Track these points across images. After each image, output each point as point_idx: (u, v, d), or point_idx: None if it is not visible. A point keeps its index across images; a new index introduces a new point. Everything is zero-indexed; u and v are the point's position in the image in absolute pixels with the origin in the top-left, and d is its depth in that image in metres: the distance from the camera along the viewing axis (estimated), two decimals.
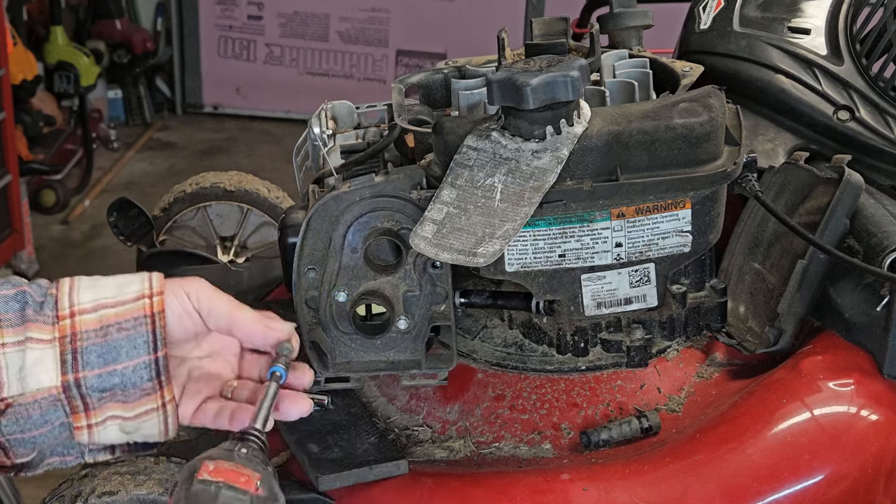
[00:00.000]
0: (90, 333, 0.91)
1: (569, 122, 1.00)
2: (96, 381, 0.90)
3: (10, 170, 3.90)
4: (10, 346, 0.89)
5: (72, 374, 0.90)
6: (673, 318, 1.13)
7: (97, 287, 0.94)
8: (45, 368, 0.90)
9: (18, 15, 4.51)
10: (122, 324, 0.91)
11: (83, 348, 0.90)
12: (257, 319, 0.96)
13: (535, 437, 1.11)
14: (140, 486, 1.02)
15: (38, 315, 0.91)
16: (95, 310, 0.92)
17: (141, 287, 0.94)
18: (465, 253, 0.96)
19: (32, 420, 0.90)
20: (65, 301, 0.92)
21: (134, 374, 0.92)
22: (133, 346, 0.91)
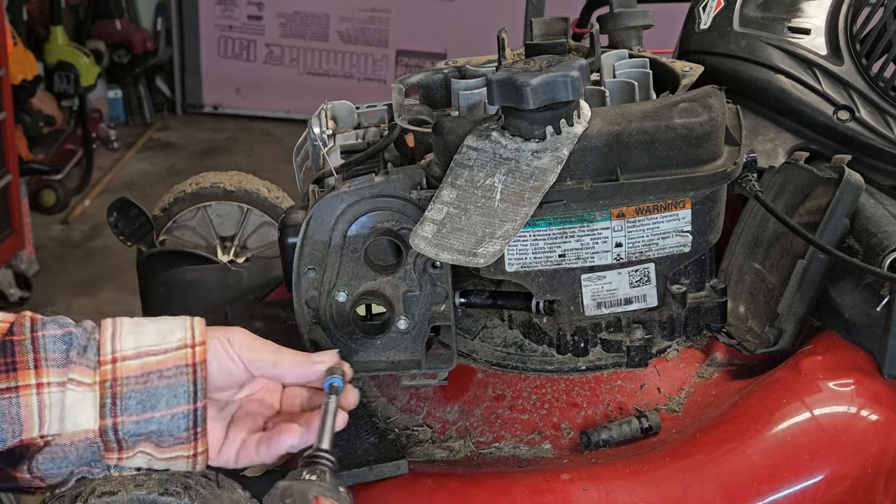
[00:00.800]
0: (131, 380, 0.92)
1: (569, 122, 1.00)
2: (133, 427, 0.92)
3: (10, 170, 3.90)
4: (54, 385, 0.91)
5: (110, 418, 0.92)
6: (673, 318, 1.13)
7: (139, 333, 0.94)
8: (84, 411, 0.91)
9: (18, 15, 4.51)
10: (163, 371, 0.93)
11: (123, 394, 0.92)
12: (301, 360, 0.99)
13: (535, 437, 1.11)
14: (140, 487, 1.02)
15: (81, 358, 0.92)
16: (138, 356, 0.93)
17: (183, 335, 0.95)
18: (466, 253, 0.96)
19: (68, 459, 0.93)
20: (107, 346, 0.93)
21: (172, 422, 0.93)
22: (173, 394, 0.93)
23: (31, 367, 0.91)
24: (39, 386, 0.91)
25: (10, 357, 0.91)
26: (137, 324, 0.95)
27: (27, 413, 0.90)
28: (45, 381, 0.91)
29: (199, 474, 1.05)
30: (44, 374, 0.91)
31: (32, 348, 0.91)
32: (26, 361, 0.91)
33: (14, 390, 0.90)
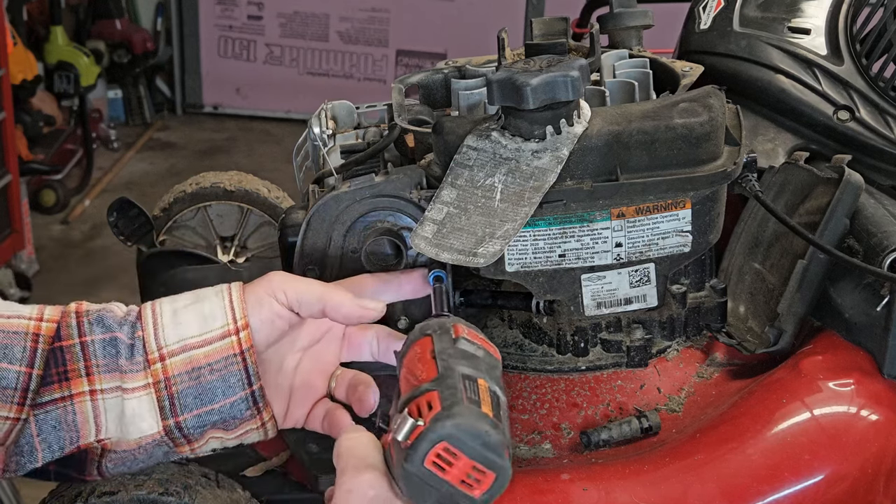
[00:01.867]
0: (183, 377, 0.92)
1: (569, 121, 1.00)
2: (195, 421, 0.92)
3: (10, 170, 3.90)
4: (108, 391, 0.91)
5: (171, 418, 0.92)
6: (673, 318, 1.13)
7: (180, 323, 0.93)
8: (144, 417, 0.92)
9: (18, 15, 4.51)
10: (213, 365, 0.92)
11: (179, 392, 0.92)
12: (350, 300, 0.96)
13: (535, 437, 1.11)
14: (140, 487, 1.02)
15: (130, 363, 0.92)
16: (183, 350, 0.92)
17: (224, 321, 0.93)
18: (466, 253, 0.96)
19: (138, 461, 0.94)
20: (152, 343, 0.92)
21: (232, 408, 0.93)
22: (227, 385, 0.92)
23: (83, 374, 0.91)
24: (93, 392, 0.91)
25: (61, 366, 0.90)
26: (176, 312, 0.94)
27: (83, 419, 0.91)
28: (99, 387, 0.91)
29: (199, 474, 1.06)
30: (96, 381, 0.91)
31: (83, 356, 0.91)
32: (78, 370, 0.91)
33: (68, 399, 0.90)
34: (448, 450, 0.76)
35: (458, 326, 0.85)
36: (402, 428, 0.78)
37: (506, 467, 0.77)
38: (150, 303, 0.95)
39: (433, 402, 0.78)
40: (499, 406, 0.80)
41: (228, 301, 0.94)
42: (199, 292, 0.95)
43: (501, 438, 0.77)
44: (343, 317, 0.96)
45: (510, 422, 1.12)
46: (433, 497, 0.77)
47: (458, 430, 0.76)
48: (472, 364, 0.81)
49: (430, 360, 0.82)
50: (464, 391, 0.78)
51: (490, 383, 0.80)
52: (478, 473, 0.76)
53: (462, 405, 0.77)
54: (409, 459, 0.76)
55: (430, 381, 0.80)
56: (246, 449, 1.22)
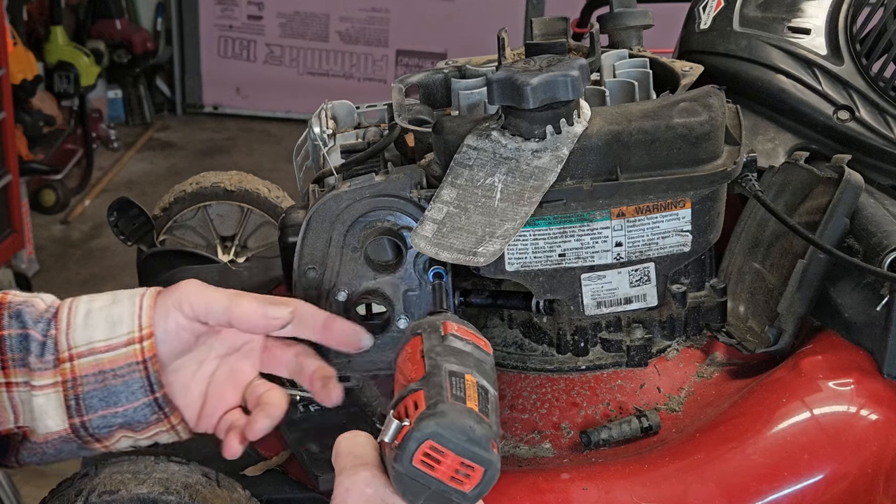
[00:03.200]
0: (90, 378, 0.93)
1: (569, 121, 1.00)
2: (101, 422, 0.94)
3: (10, 170, 3.90)
4: (21, 385, 0.93)
5: (77, 417, 0.94)
6: (673, 317, 1.13)
7: (90, 325, 0.95)
8: (51, 414, 0.93)
9: (18, 15, 4.51)
10: (116, 371, 0.94)
11: (84, 393, 0.93)
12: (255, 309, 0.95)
13: (534, 437, 1.11)
14: (141, 485, 1.02)
15: (40, 362, 0.94)
16: (91, 353, 0.94)
17: (130, 327, 0.94)
18: (466, 252, 0.96)
19: (48, 455, 0.95)
20: (63, 343, 0.94)
21: (136, 413, 0.95)
22: (130, 391, 0.94)
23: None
24: (9, 385, 0.93)
25: None
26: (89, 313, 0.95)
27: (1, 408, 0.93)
28: (14, 380, 0.94)
29: (199, 473, 1.06)
30: (11, 374, 0.93)
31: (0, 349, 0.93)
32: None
33: None
34: (434, 448, 0.77)
35: (447, 323, 0.86)
36: (389, 429, 0.79)
37: (493, 461, 0.78)
38: (70, 300, 0.97)
39: (419, 402, 0.79)
40: (486, 400, 0.81)
41: (139, 308, 0.95)
42: (117, 294, 0.97)
43: (487, 432, 0.77)
44: (249, 326, 0.96)
45: (511, 419, 1.12)
46: (425, 494, 0.78)
47: (443, 427, 0.77)
48: (461, 360, 0.82)
49: (419, 359, 0.83)
50: (449, 388, 0.79)
51: (478, 378, 0.81)
52: (466, 469, 0.77)
53: (446, 403, 0.78)
54: (399, 460, 0.78)
55: (418, 380, 0.81)
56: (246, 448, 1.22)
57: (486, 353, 0.86)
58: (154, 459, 1.07)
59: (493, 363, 0.86)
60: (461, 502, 0.78)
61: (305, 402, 1.19)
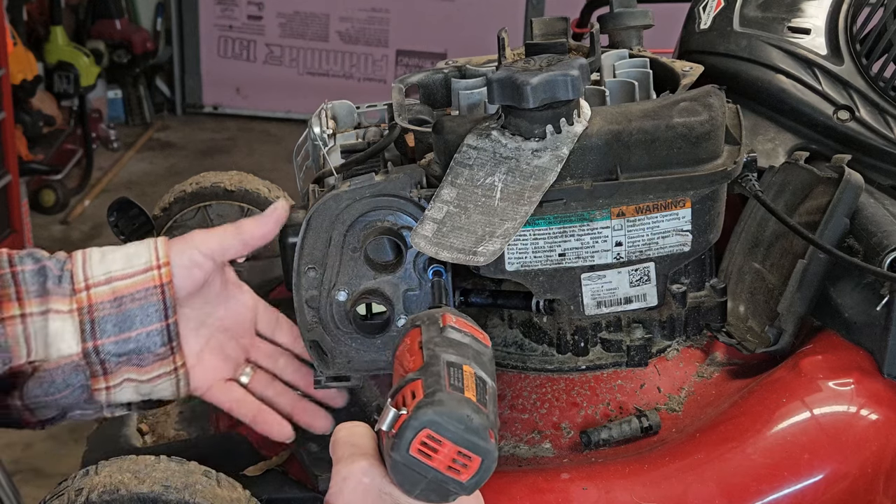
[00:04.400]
0: (105, 304, 0.99)
1: (569, 121, 1.00)
2: (113, 348, 0.99)
3: (10, 170, 3.91)
4: (36, 315, 0.98)
5: (91, 341, 0.98)
6: (673, 317, 1.13)
7: (107, 260, 1.01)
8: (65, 338, 0.98)
9: (18, 15, 4.51)
10: (134, 295, 0.99)
11: (100, 318, 0.98)
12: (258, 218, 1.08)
13: (534, 437, 1.11)
14: (141, 485, 1.02)
15: (57, 288, 0.99)
16: (108, 282, 0.99)
17: (148, 258, 1.01)
18: (466, 252, 0.96)
19: (56, 384, 0.99)
20: (79, 275, 0.99)
21: (148, 339, 1.00)
22: (146, 314, 1.00)
23: (13, 299, 0.97)
24: (23, 316, 0.97)
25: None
26: (106, 252, 1.02)
27: (14, 341, 0.97)
28: (28, 311, 0.98)
29: (199, 472, 1.06)
30: (26, 305, 0.98)
31: (13, 282, 0.98)
32: (9, 294, 0.97)
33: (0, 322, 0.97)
34: (432, 436, 0.77)
35: (446, 315, 0.86)
36: (387, 417, 0.79)
37: (490, 450, 0.78)
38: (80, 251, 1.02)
39: (416, 391, 0.79)
40: (484, 391, 0.81)
41: (154, 245, 1.02)
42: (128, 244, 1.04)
43: (484, 422, 0.78)
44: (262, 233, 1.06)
45: (511, 419, 1.12)
46: (422, 483, 0.78)
47: (440, 416, 0.77)
48: (459, 351, 0.82)
49: (418, 350, 0.83)
50: (447, 378, 0.79)
51: (476, 369, 0.81)
52: (464, 458, 0.77)
53: (444, 392, 0.78)
54: (395, 448, 0.78)
55: (416, 370, 0.81)
56: (245, 449, 1.22)
57: (485, 345, 0.86)
58: (154, 459, 1.07)
59: (492, 356, 0.86)
60: (458, 492, 0.79)
61: None
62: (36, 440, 3.21)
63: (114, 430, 1.34)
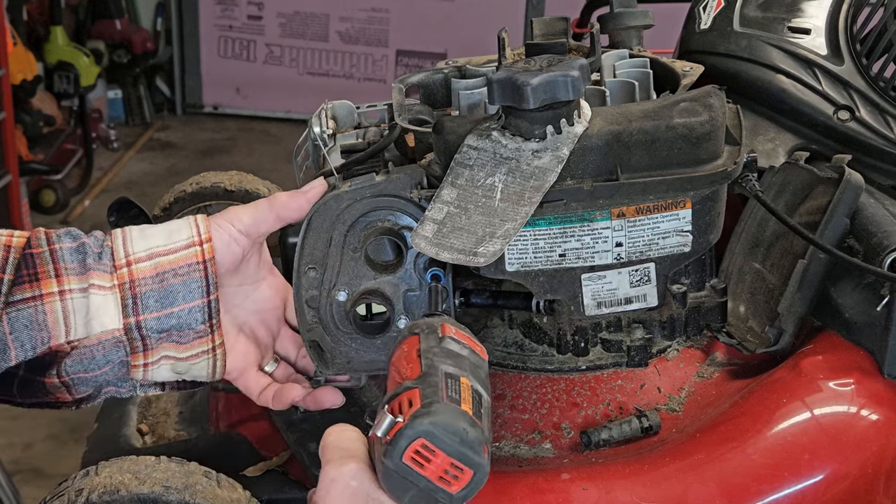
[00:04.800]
0: (147, 280, 0.99)
1: (569, 121, 1.00)
2: (155, 323, 0.99)
3: (10, 170, 3.91)
4: (76, 291, 0.97)
5: (133, 317, 0.98)
6: (673, 317, 1.13)
7: (148, 237, 1.01)
8: (108, 312, 0.98)
9: (18, 15, 4.51)
10: (177, 270, 0.99)
11: (142, 293, 0.98)
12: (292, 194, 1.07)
13: (535, 437, 1.11)
14: (141, 485, 1.02)
15: (97, 264, 0.98)
16: (150, 258, 0.99)
17: (190, 233, 1.01)
18: (466, 252, 0.96)
19: (96, 360, 0.99)
20: (120, 251, 0.99)
21: (189, 315, 1.00)
22: (188, 290, 0.99)
23: (52, 276, 0.97)
24: (62, 293, 0.97)
25: (31, 269, 0.97)
26: (145, 229, 1.02)
27: (53, 319, 0.96)
28: (68, 287, 0.97)
29: (199, 473, 1.06)
30: (65, 282, 0.97)
31: (52, 259, 0.97)
32: (48, 272, 0.97)
33: (39, 298, 0.96)
34: (426, 446, 0.77)
35: (445, 326, 0.86)
36: (382, 424, 0.79)
37: (483, 464, 0.78)
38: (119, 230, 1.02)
39: (414, 400, 0.79)
40: (480, 404, 0.81)
41: (195, 221, 1.02)
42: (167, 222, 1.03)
43: (479, 436, 0.78)
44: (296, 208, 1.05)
45: (511, 419, 1.12)
46: (411, 492, 0.79)
47: (436, 427, 0.77)
48: (457, 363, 0.83)
49: (416, 358, 0.83)
50: (444, 389, 0.80)
51: (473, 382, 0.82)
52: (455, 470, 0.77)
53: (441, 403, 0.78)
54: (389, 455, 0.78)
55: (414, 378, 0.81)
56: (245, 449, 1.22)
57: (482, 358, 0.86)
58: (155, 460, 1.07)
59: (488, 369, 0.86)
60: (446, 503, 0.79)
61: None
62: (36, 440, 3.21)
63: (114, 430, 1.34)
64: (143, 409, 1.41)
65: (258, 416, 1.26)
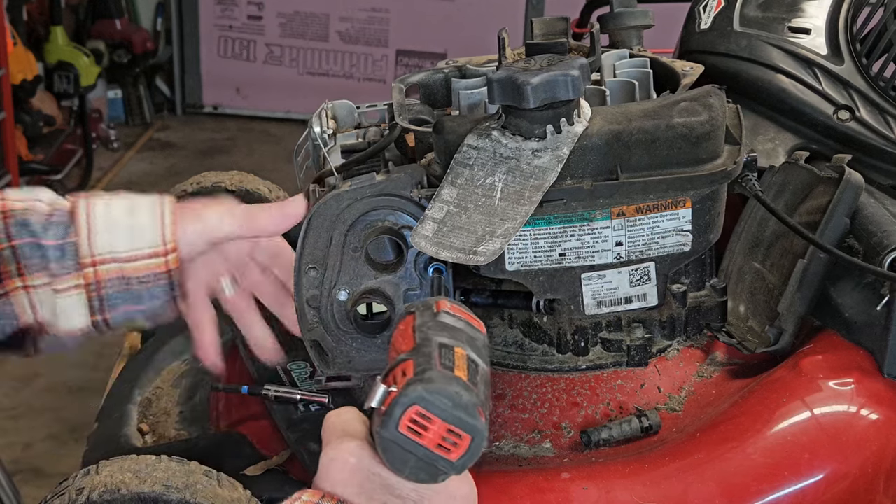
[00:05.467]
0: (113, 282, 1.01)
1: (569, 120, 1.00)
2: (122, 317, 1.02)
3: (10, 170, 3.90)
4: (39, 287, 0.99)
5: (99, 315, 1.01)
6: (673, 317, 1.13)
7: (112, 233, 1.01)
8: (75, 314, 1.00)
9: (18, 15, 4.51)
10: (141, 278, 1.01)
11: (108, 296, 1.01)
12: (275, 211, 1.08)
13: (535, 437, 1.11)
14: (142, 485, 1.02)
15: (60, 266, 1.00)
16: (114, 261, 1.00)
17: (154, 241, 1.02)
18: (466, 251, 0.96)
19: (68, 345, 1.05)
20: (85, 249, 1.00)
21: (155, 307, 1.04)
22: (153, 294, 1.02)
23: (14, 275, 0.99)
24: (26, 287, 0.99)
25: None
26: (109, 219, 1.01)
27: (20, 308, 0.99)
28: (31, 284, 0.99)
29: (200, 472, 1.06)
30: (28, 280, 0.99)
31: (14, 258, 0.99)
32: (10, 272, 0.99)
33: (4, 296, 0.99)
34: (421, 414, 0.77)
35: (441, 302, 0.86)
36: (376, 395, 0.80)
37: (480, 428, 0.78)
38: (84, 202, 1.02)
39: (407, 370, 0.80)
40: (476, 372, 0.81)
41: (160, 221, 1.02)
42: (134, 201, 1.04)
43: (473, 399, 0.78)
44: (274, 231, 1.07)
45: (511, 419, 1.12)
46: (411, 462, 0.78)
47: (429, 392, 0.77)
48: (452, 334, 0.83)
49: (411, 334, 0.84)
50: (438, 358, 0.80)
51: (468, 351, 0.82)
52: (453, 437, 0.77)
53: (434, 370, 0.78)
54: (385, 425, 0.78)
55: (408, 351, 0.81)
56: (245, 448, 1.22)
57: (479, 330, 0.86)
58: (155, 459, 1.07)
59: (486, 341, 0.86)
60: (448, 471, 0.79)
61: (305, 403, 1.19)
62: (36, 440, 3.21)
63: (114, 429, 1.34)
64: (144, 408, 1.41)
65: (258, 416, 1.26)
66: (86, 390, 3.43)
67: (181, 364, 1.49)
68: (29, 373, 3.58)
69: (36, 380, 3.55)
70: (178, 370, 1.48)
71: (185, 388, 1.44)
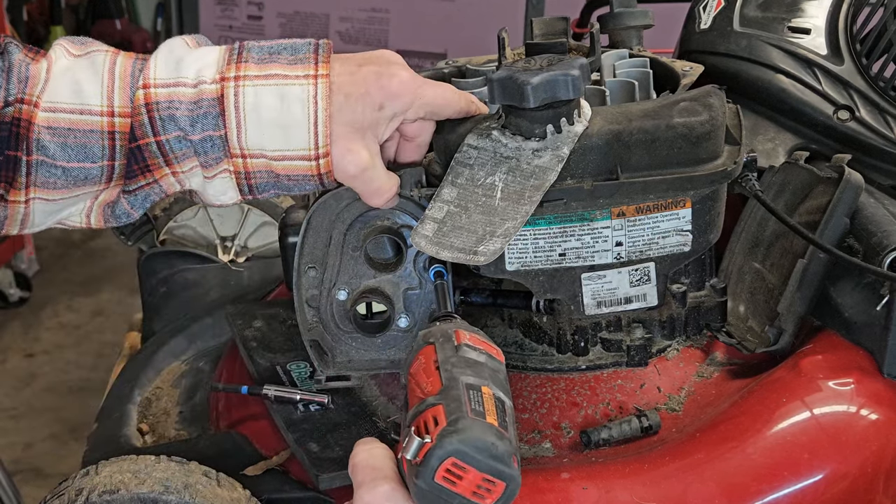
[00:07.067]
0: (262, 174, 1.00)
1: (569, 120, 1.00)
2: (271, 195, 1.03)
3: None
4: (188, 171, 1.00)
5: (249, 195, 1.02)
6: (673, 317, 1.13)
7: (262, 129, 0.98)
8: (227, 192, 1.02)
9: (18, 15, 4.52)
10: (291, 176, 0.99)
11: (258, 184, 1.01)
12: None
13: (534, 437, 1.11)
14: (141, 485, 1.02)
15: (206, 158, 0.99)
16: (262, 157, 0.99)
17: (306, 143, 0.98)
18: (466, 251, 0.96)
19: None
20: (234, 142, 0.98)
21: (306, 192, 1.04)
22: (302, 188, 1.01)
23: (163, 165, 0.99)
24: (175, 173, 1.00)
25: (142, 163, 0.99)
26: (258, 113, 0.97)
27: (169, 187, 1.01)
28: (180, 170, 1.00)
29: (199, 472, 1.06)
30: (177, 167, 1.00)
31: (160, 152, 0.99)
32: (158, 163, 0.99)
33: (154, 182, 1.00)
34: (457, 464, 0.77)
35: (459, 332, 0.86)
36: (411, 446, 0.79)
37: (514, 476, 0.78)
38: (231, 88, 0.97)
39: (438, 417, 0.79)
40: (504, 412, 0.81)
41: (312, 118, 0.97)
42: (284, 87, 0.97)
43: (508, 448, 0.78)
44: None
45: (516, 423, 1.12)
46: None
47: (465, 444, 0.77)
48: (476, 371, 0.83)
49: (434, 370, 0.84)
50: (468, 403, 0.80)
51: (494, 389, 0.82)
52: (488, 484, 0.78)
53: (467, 419, 0.78)
54: (421, 476, 0.78)
55: (435, 394, 0.81)
56: (245, 448, 1.22)
57: (499, 361, 0.86)
58: (155, 459, 1.07)
59: (506, 372, 0.86)
60: None
61: (305, 403, 1.19)
62: (36, 440, 3.21)
63: (114, 430, 1.34)
64: (144, 408, 1.41)
65: (258, 416, 1.26)
66: (86, 390, 3.43)
67: (181, 364, 1.49)
68: (29, 373, 3.59)
69: (36, 380, 3.55)
70: (178, 370, 1.48)
71: (185, 388, 1.44)
